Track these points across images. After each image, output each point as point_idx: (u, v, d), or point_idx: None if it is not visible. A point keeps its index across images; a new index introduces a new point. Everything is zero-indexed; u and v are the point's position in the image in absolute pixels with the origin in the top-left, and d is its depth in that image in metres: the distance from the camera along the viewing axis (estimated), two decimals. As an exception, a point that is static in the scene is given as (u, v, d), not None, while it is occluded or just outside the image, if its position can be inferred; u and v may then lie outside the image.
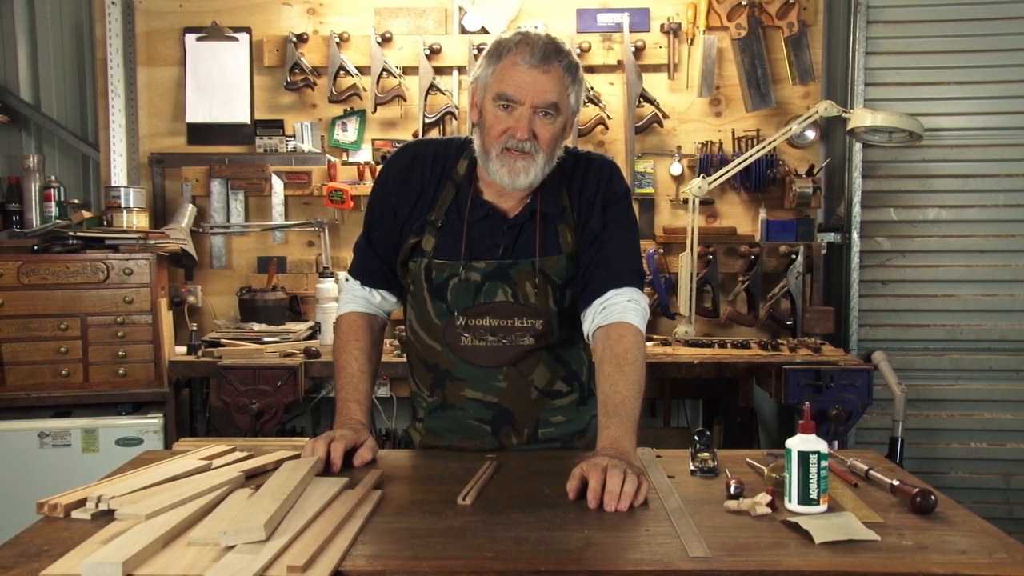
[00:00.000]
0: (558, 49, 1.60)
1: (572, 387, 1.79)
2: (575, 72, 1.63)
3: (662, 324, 3.52)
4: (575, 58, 1.64)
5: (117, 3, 3.44)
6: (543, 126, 1.60)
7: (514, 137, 1.59)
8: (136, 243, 3.00)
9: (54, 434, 2.88)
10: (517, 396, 1.73)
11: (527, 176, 1.62)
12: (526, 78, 1.57)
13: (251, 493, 1.36)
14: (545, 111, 1.60)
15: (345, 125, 3.56)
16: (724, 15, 3.47)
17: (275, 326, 3.29)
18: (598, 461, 1.41)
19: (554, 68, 1.58)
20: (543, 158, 1.62)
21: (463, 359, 1.72)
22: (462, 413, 1.75)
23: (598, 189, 1.74)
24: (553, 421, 1.77)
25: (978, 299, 3.39)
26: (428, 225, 1.72)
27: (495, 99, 1.61)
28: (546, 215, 1.71)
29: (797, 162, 3.49)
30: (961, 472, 3.40)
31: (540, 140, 1.61)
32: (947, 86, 3.36)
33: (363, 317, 1.81)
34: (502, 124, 1.61)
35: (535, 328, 1.70)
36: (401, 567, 1.14)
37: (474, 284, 1.69)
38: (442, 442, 1.78)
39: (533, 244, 1.69)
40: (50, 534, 1.24)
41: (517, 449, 1.75)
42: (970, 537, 1.25)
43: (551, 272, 1.70)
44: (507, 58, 1.59)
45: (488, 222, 1.71)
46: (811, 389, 2.85)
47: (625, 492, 1.35)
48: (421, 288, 1.73)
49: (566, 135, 1.69)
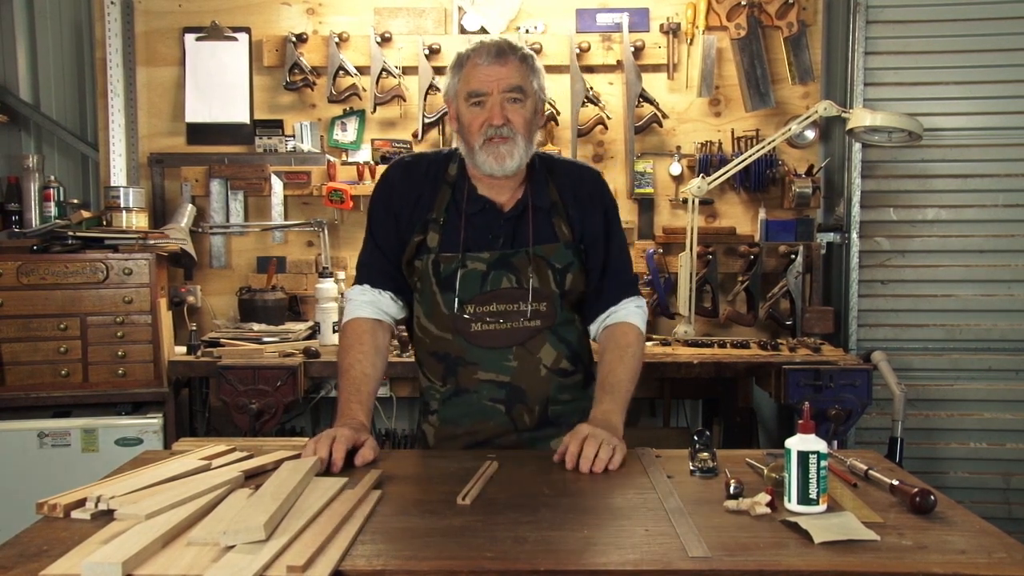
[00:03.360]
0: (511, 46, 1.76)
1: (576, 367, 1.88)
2: (531, 61, 1.78)
3: (662, 324, 3.53)
4: (530, 51, 1.80)
5: (116, 3, 3.44)
6: (514, 111, 1.75)
7: (492, 124, 1.73)
8: (136, 243, 3.00)
9: (54, 434, 2.88)
10: (527, 373, 1.82)
11: (512, 159, 1.75)
12: (488, 72, 1.73)
13: (251, 493, 1.36)
14: (513, 97, 1.75)
15: (344, 125, 3.56)
16: (723, 15, 3.47)
17: (275, 326, 3.29)
18: (580, 429, 1.61)
19: (510, 59, 1.74)
20: (522, 140, 1.76)
21: (474, 343, 1.81)
22: (476, 396, 1.83)
23: (595, 195, 1.89)
24: (562, 399, 1.85)
25: (977, 299, 3.38)
26: (431, 223, 1.83)
27: (467, 99, 1.76)
28: (539, 208, 1.84)
29: (796, 162, 3.49)
30: (961, 472, 3.40)
31: (514, 124, 1.74)
32: (947, 86, 3.35)
33: (368, 322, 1.85)
34: (479, 118, 1.75)
35: (539, 310, 1.82)
36: (401, 567, 1.14)
37: (480, 273, 1.80)
38: (457, 429, 1.85)
39: (529, 234, 1.82)
40: (50, 534, 1.24)
41: (528, 432, 1.84)
42: (970, 537, 1.25)
43: (550, 258, 1.83)
44: (468, 63, 1.76)
45: (485, 215, 1.83)
46: (811, 389, 2.85)
47: (599, 458, 1.55)
48: (429, 283, 1.82)
49: (539, 122, 1.83)
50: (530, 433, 1.83)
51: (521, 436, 1.83)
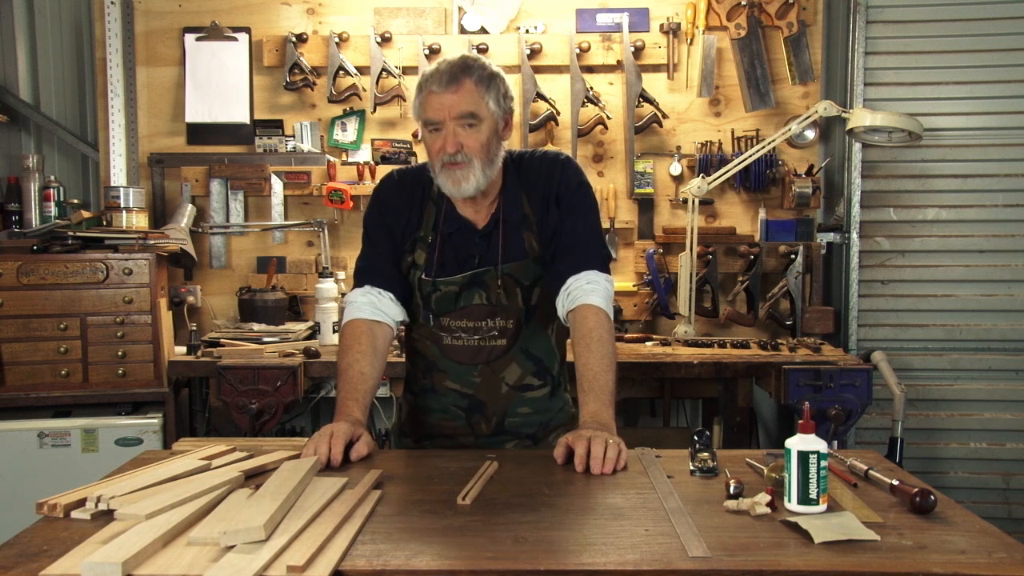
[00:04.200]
0: (466, 66, 1.76)
1: (544, 380, 1.94)
2: (488, 80, 1.78)
3: (662, 324, 3.53)
4: (489, 67, 1.80)
5: (116, 3, 3.44)
6: (468, 136, 1.76)
7: (446, 152, 1.76)
8: (135, 243, 3.00)
9: (54, 434, 2.88)
10: (489, 390, 1.91)
11: (468, 183, 1.77)
12: (441, 100, 1.75)
13: (251, 493, 1.36)
14: (466, 123, 1.75)
15: (344, 125, 3.56)
16: (723, 15, 3.47)
17: (274, 326, 3.29)
18: (582, 432, 1.62)
19: (464, 84, 1.75)
20: (479, 163, 1.77)
21: (445, 355, 1.91)
22: (444, 399, 1.94)
23: (550, 187, 1.88)
24: (520, 412, 1.93)
25: (977, 299, 3.38)
26: (419, 241, 1.89)
27: (425, 127, 1.80)
28: (508, 222, 1.86)
29: (796, 162, 3.49)
30: (961, 472, 3.40)
31: (469, 148, 1.76)
32: (947, 86, 3.35)
33: (367, 323, 1.87)
34: (435, 145, 1.78)
35: (506, 328, 1.87)
36: (401, 567, 1.14)
37: (454, 293, 1.87)
38: (427, 417, 1.96)
39: (499, 252, 1.85)
40: (50, 534, 1.24)
41: (485, 437, 1.92)
42: (969, 537, 1.25)
43: (518, 275, 1.86)
44: (425, 89, 1.77)
45: (462, 234, 1.87)
46: (811, 389, 2.85)
47: (608, 458, 1.56)
48: (415, 295, 1.92)
49: (504, 135, 1.84)
50: (486, 439, 1.92)
51: (478, 440, 1.93)
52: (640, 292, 3.51)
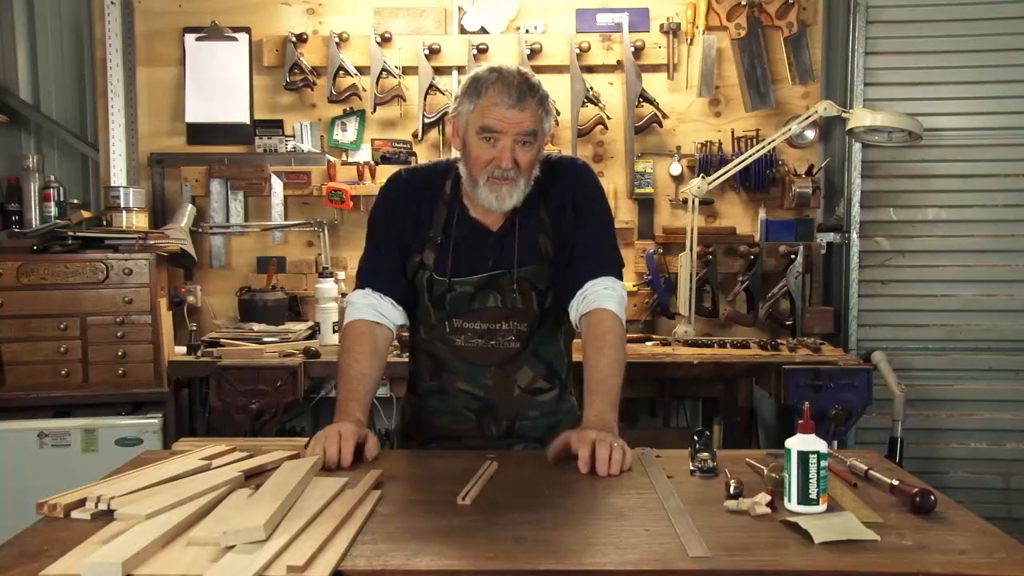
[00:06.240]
0: (531, 85, 1.76)
1: (553, 384, 1.95)
2: (547, 103, 1.80)
3: (662, 324, 3.53)
4: (544, 89, 1.80)
5: (116, 3, 3.44)
6: (523, 153, 1.77)
7: (499, 167, 1.75)
8: (135, 243, 3.00)
9: (54, 434, 2.88)
10: (501, 393, 1.90)
11: (511, 199, 1.79)
12: (507, 115, 1.73)
13: (251, 493, 1.36)
14: (525, 140, 1.76)
15: (344, 125, 3.56)
16: (723, 15, 3.47)
17: (274, 326, 3.29)
18: (586, 434, 1.61)
19: (529, 104, 1.74)
20: (524, 181, 1.79)
21: (457, 356, 1.90)
22: (454, 400, 1.92)
23: (568, 193, 1.89)
24: (530, 415, 1.93)
25: (977, 299, 3.38)
26: (428, 241, 1.88)
27: (479, 132, 1.76)
28: (524, 226, 1.86)
29: (796, 162, 3.49)
30: (961, 472, 3.40)
31: (521, 166, 1.77)
32: (947, 86, 3.35)
33: (367, 324, 1.87)
34: (487, 155, 1.76)
35: (519, 330, 1.87)
36: (401, 567, 1.14)
37: (468, 294, 1.86)
38: (434, 420, 1.94)
39: (514, 255, 1.86)
40: (50, 534, 1.24)
41: (494, 439, 1.90)
42: (970, 537, 1.25)
43: (533, 279, 1.87)
44: (486, 96, 1.75)
45: (475, 236, 1.87)
46: (811, 389, 2.85)
47: (614, 460, 1.56)
48: (423, 296, 1.90)
49: (540, 155, 1.84)
50: (495, 440, 1.91)
51: (488, 442, 1.91)
52: (640, 292, 3.50)
